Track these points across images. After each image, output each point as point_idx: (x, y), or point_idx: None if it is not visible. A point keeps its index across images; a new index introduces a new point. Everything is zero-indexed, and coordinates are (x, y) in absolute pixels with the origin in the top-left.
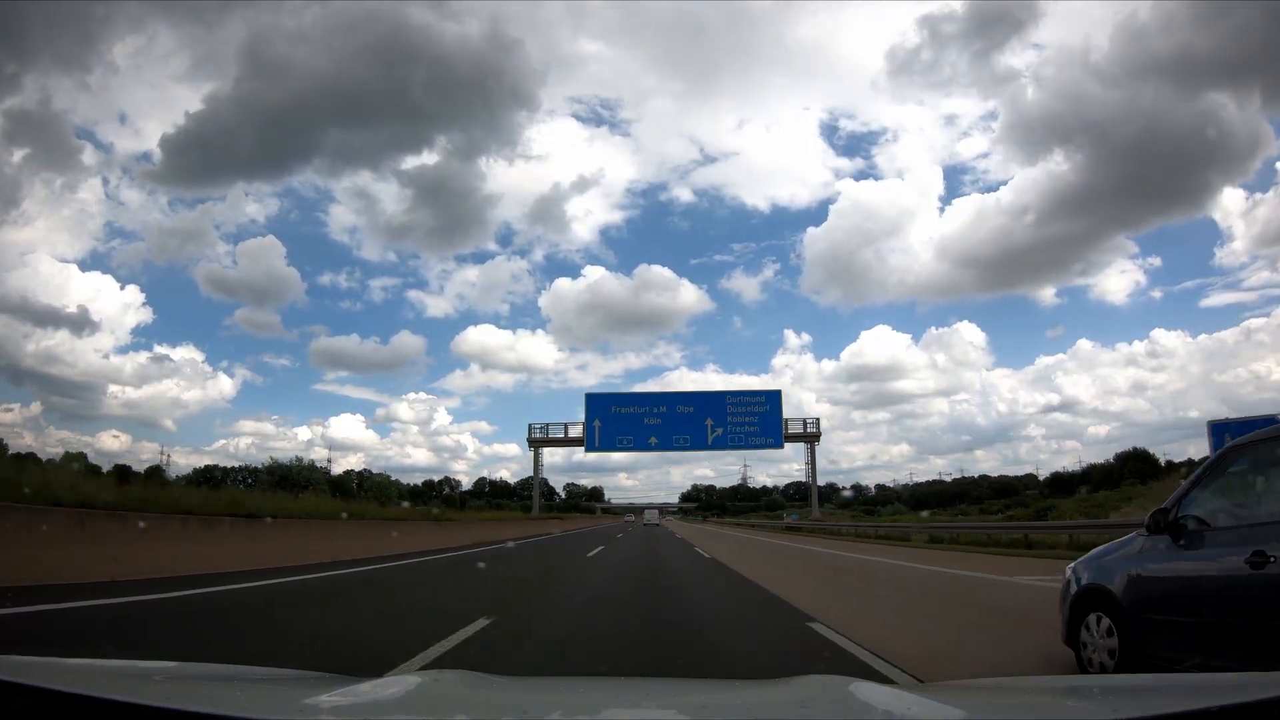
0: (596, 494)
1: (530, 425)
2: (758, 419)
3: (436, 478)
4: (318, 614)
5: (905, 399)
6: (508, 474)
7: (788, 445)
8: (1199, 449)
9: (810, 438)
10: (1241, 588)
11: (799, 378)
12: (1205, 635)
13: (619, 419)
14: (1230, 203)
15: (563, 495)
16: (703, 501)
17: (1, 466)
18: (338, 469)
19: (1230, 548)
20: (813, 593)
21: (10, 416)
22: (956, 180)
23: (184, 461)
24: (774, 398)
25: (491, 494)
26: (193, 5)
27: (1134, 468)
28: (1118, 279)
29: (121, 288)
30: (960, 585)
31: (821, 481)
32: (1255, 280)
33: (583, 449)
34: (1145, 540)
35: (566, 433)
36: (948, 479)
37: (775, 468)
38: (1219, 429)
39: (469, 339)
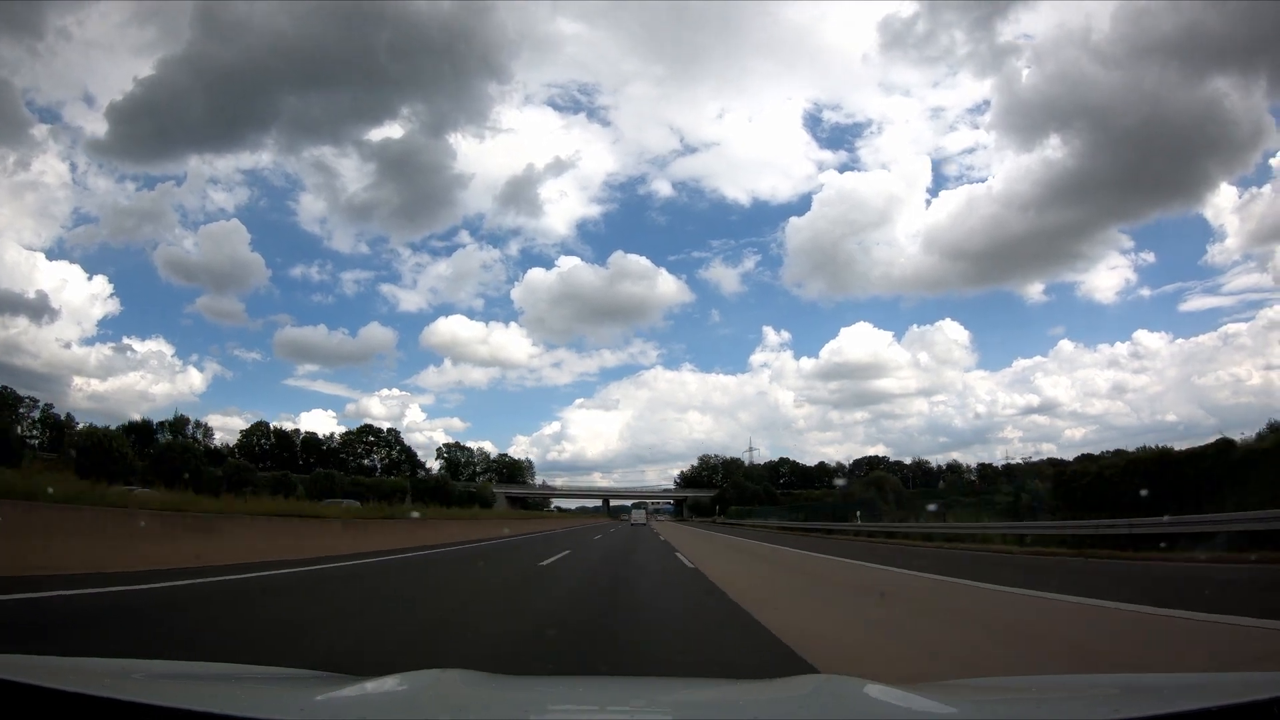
0: (507, 471)
1: None
2: None
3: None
4: None
5: (885, 398)
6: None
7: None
8: None
9: None
10: None
11: (777, 375)
12: None
13: None
14: (1225, 200)
15: (434, 467)
16: (721, 490)
17: None
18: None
19: None
20: None
21: None
22: (945, 171)
23: None
24: None
25: (250, 455)
26: None
27: None
28: (1108, 275)
29: (89, 278)
30: None
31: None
32: (1235, 285)
33: (560, 445)
34: None
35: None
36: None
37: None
38: None
39: (439, 330)
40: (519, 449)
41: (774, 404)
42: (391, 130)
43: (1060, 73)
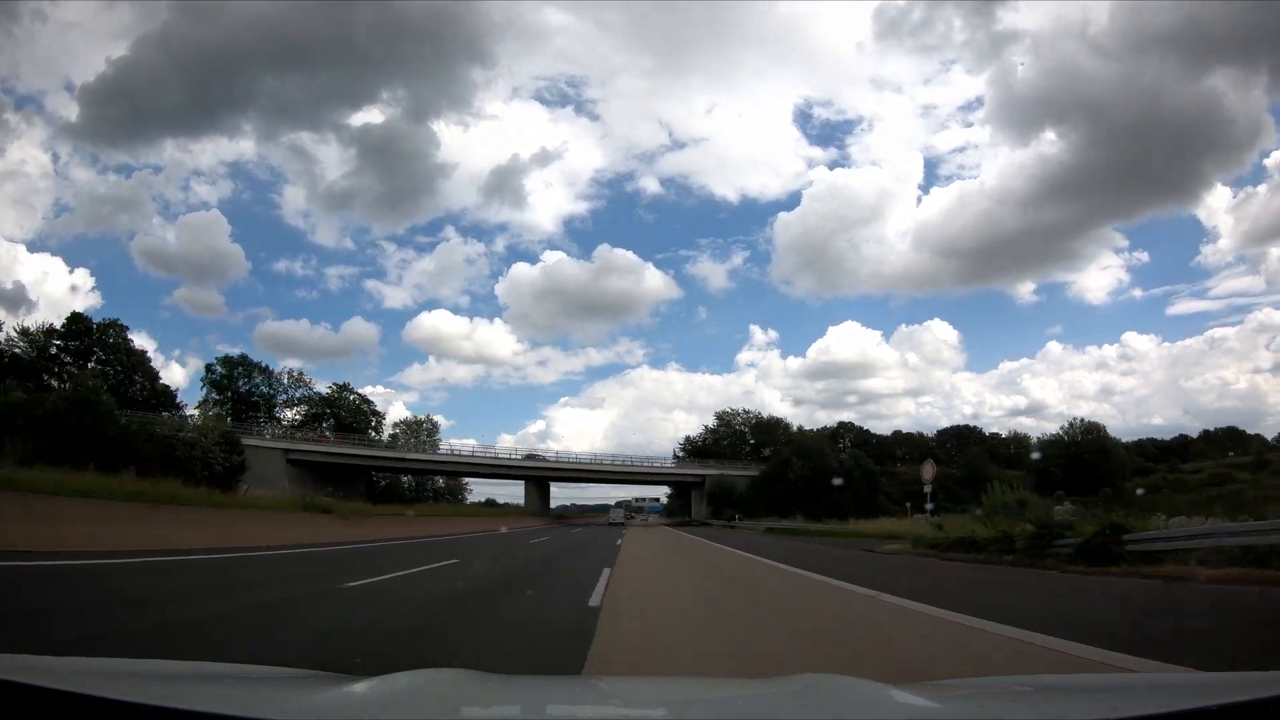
0: (349, 418)
1: None
2: None
3: None
4: None
5: (872, 398)
6: None
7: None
8: None
9: None
10: None
11: (764, 374)
12: None
13: None
14: (1219, 200)
15: (195, 399)
16: (779, 465)
17: None
18: None
19: None
20: None
21: None
22: (937, 168)
23: None
24: None
25: None
26: None
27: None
28: (1099, 275)
29: (70, 270)
30: None
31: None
32: (1223, 289)
33: (545, 444)
34: None
35: None
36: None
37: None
38: None
39: (423, 325)
40: (504, 447)
41: (760, 404)
42: (371, 115)
43: (1057, 66)
